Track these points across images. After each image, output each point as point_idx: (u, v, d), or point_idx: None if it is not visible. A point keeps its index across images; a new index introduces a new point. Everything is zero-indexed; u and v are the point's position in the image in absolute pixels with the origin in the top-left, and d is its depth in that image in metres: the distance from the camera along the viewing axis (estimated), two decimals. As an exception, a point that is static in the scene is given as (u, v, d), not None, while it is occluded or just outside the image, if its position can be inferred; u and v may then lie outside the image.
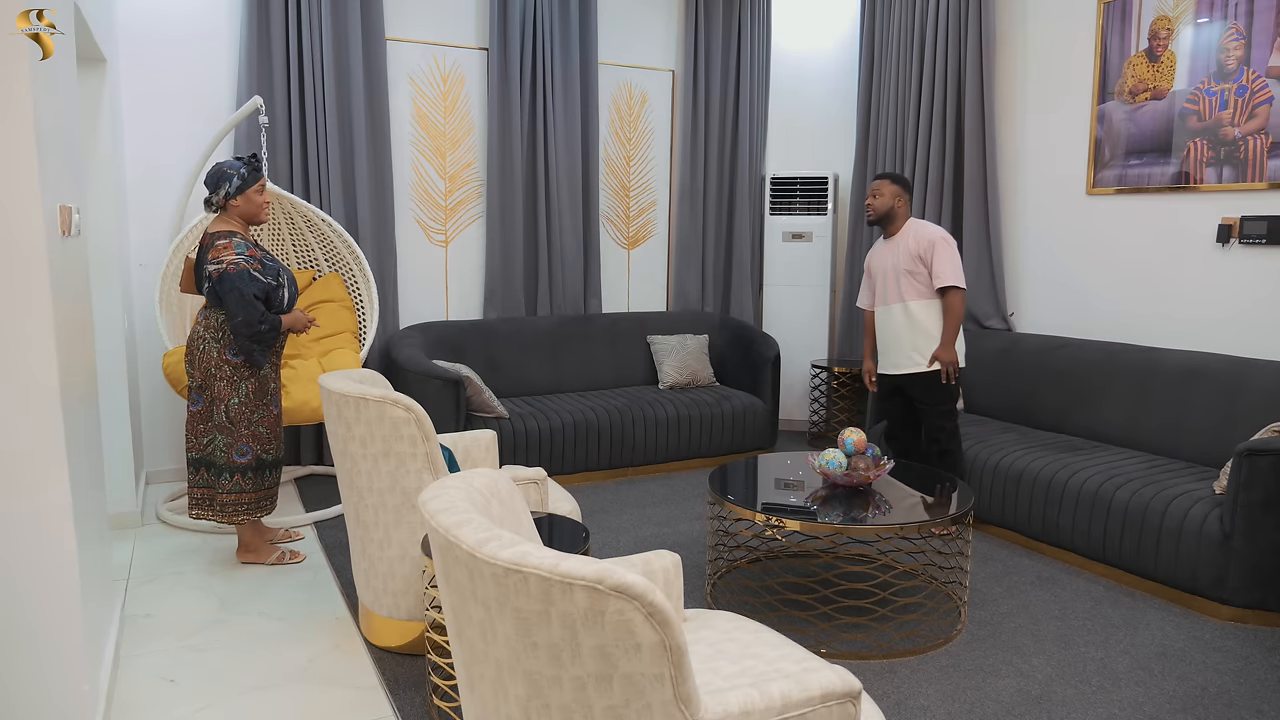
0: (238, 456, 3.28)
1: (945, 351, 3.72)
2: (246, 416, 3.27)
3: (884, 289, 3.86)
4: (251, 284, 3.14)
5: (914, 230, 3.79)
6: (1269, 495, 2.99)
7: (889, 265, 3.82)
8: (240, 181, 3.21)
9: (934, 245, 3.70)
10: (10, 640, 2.02)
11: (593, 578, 1.22)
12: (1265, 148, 3.69)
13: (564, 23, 5.12)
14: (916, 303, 3.74)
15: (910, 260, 3.74)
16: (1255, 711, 2.53)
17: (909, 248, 3.76)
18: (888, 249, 3.86)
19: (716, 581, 3.33)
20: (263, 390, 3.32)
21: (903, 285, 3.77)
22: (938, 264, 3.70)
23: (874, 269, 3.95)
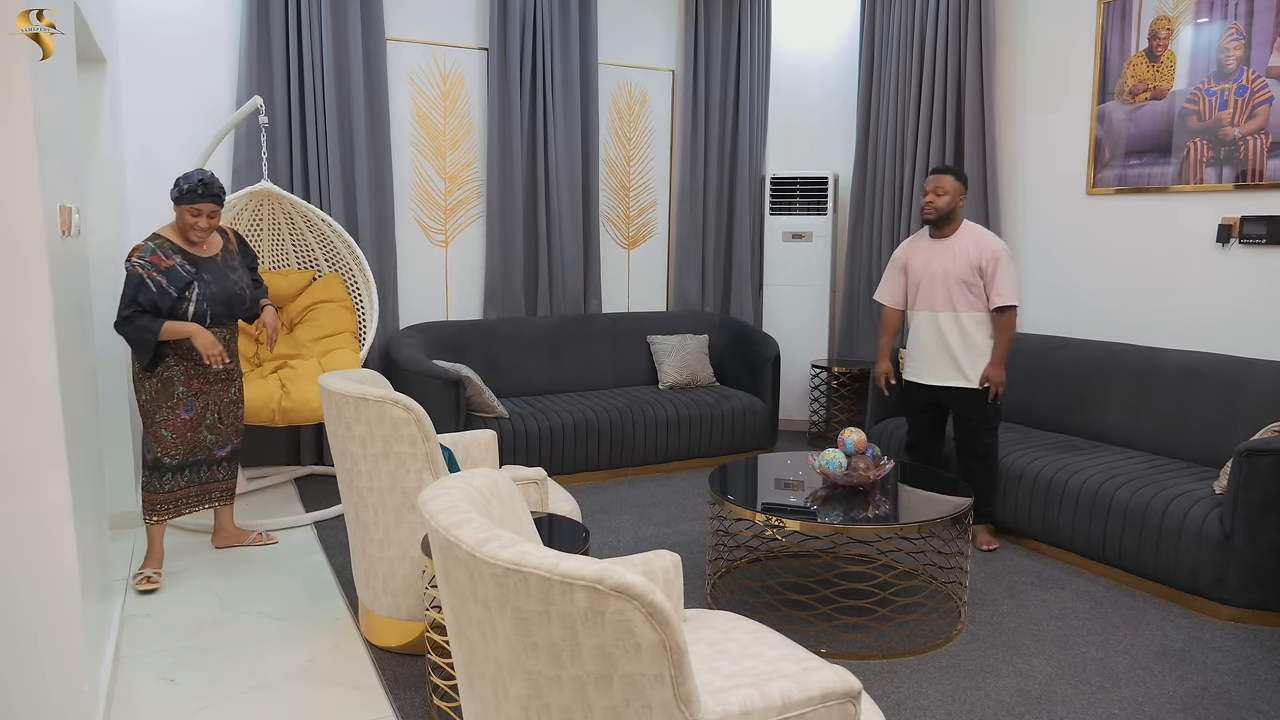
0: (145, 453, 3.32)
1: (997, 372, 3.58)
2: (150, 415, 3.27)
3: (929, 294, 3.66)
4: (137, 288, 3.11)
5: (973, 237, 3.59)
6: (1269, 495, 2.99)
7: (939, 270, 3.62)
8: (177, 194, 3.20)
9: (998, 259, 3.53)
10: (10, 640, 2.02)
11: (593, 578, 1.22)
12: (1265, 148, 3.69)
13: (564, 23, 5.12)
14: (969, 315, 3.58)
15: (969, 270, 3.56)
16: (1255, 711, 2.53)
17: (969, 256, 3.56)
18: (938, 251, 3.63)
19: (716, 581, 3.33)
20: (167, 392, 3.26)
21: (956, 295, 3.59)
22: (1000, 280, 3.53)
23: (915, 269, 3.72)
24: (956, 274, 3.58)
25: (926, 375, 3.71)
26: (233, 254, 3.46)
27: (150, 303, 3.14)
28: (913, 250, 3.75)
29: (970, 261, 3.56)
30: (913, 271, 3.73)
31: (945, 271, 3.60)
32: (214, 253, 3.37)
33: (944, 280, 3.61)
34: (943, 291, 3.62)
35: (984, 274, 3.55)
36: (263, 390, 3.88)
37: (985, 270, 3.55)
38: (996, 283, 3.55)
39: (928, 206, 3.62)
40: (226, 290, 3.34)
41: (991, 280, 3.55)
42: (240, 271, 3.46)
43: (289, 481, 4.61)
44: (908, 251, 3.78)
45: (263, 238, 4.52)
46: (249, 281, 3.51)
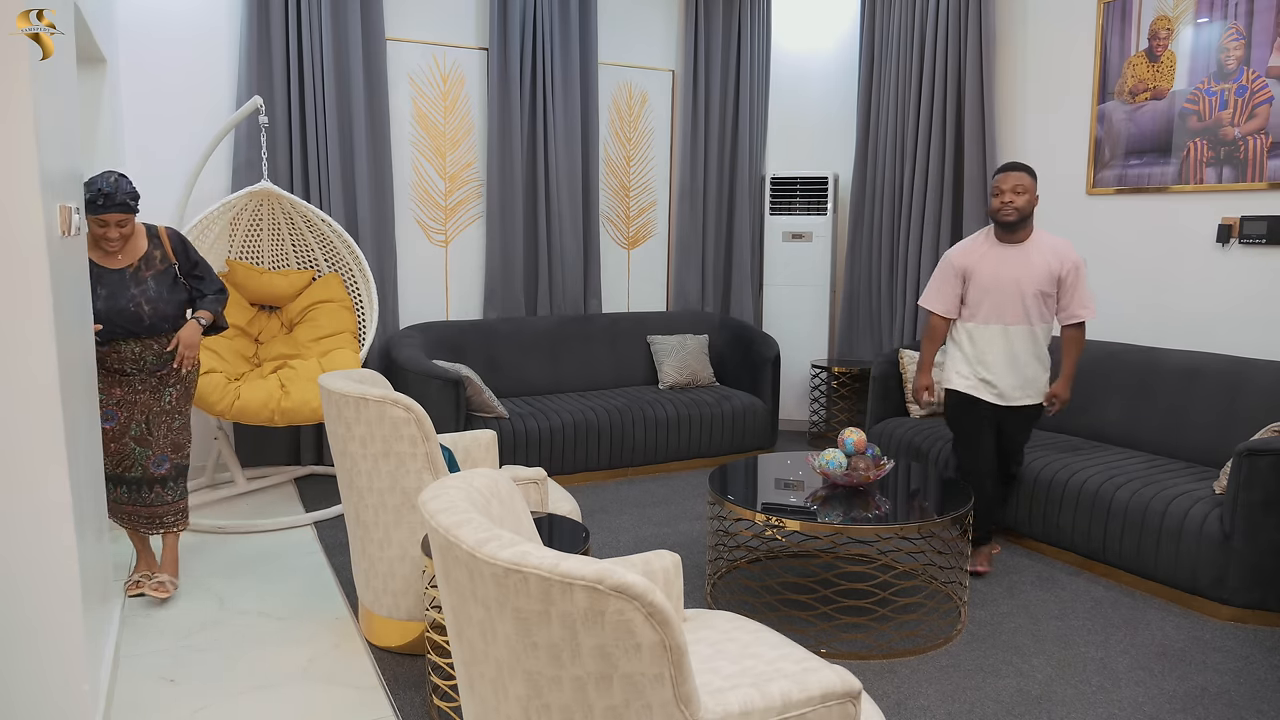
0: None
1: (1068, 389, 3.38)
2: None
3: (999, 306, 3.32)
4: None
5: (1048, 244, 3.32)
6: (1269, 495, 2.99)
7: (1013, 279, 3.29)
8: (86, 202, 2.85)
9: (1078, 269, 3.29)
10: (10, 640, 2.02)
11: (593, 578, 1.22)
12: (1265, 148, 3.69)
13: (564, 23, 5.12)
14: (1042, 328, 3.34)
15: (1048, 280, 3.28)
16: (1255, 711, 2.53)
17: (1047, 265, 3.28)
18: (1010, 259, 3.31)
19: (716, 581, 3.33)
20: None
21: (1031, 308, 3.29)
22: (1082, 292, 3.31)
23: (982, 277, 3.34)
24: (1035, 284, 3.27)
25: (1000, 394, 3.38)
26: (154, 262, 3.10)
27: None
28: (976, 256, 3.37)
29: (1050, 272, 3.28)
30: (978, 280, 3.35)
31: (1022, 281, 3.28)
32: (128, 263, 3.05)
33: (1020, 291, 3.28)
34: (1018, 303, 3.29)
35: (1063, 284, 3.31)
36: (262, 390, 3.88)
37: (1065, 281, 3.30)
38: (1079, 295, 3.32)
39: (1006, 208, 3.26)
40: (118, 308, 2.98)
41: (1072, 292, 3.31)
42: (151, 286, 3.07)
43: (289, 481, 4.61)
44: (969, 257, 3.39)
45: (263, 238, 4.52)
46: (173, 294, 3.13)
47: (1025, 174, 3.27)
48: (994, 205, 3.31)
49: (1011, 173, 3.28)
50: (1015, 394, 3.37)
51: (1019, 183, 3.26)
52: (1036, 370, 3.38)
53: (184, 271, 3.21)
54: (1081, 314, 3.34)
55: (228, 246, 4.43)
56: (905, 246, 5.26)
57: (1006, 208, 3.27)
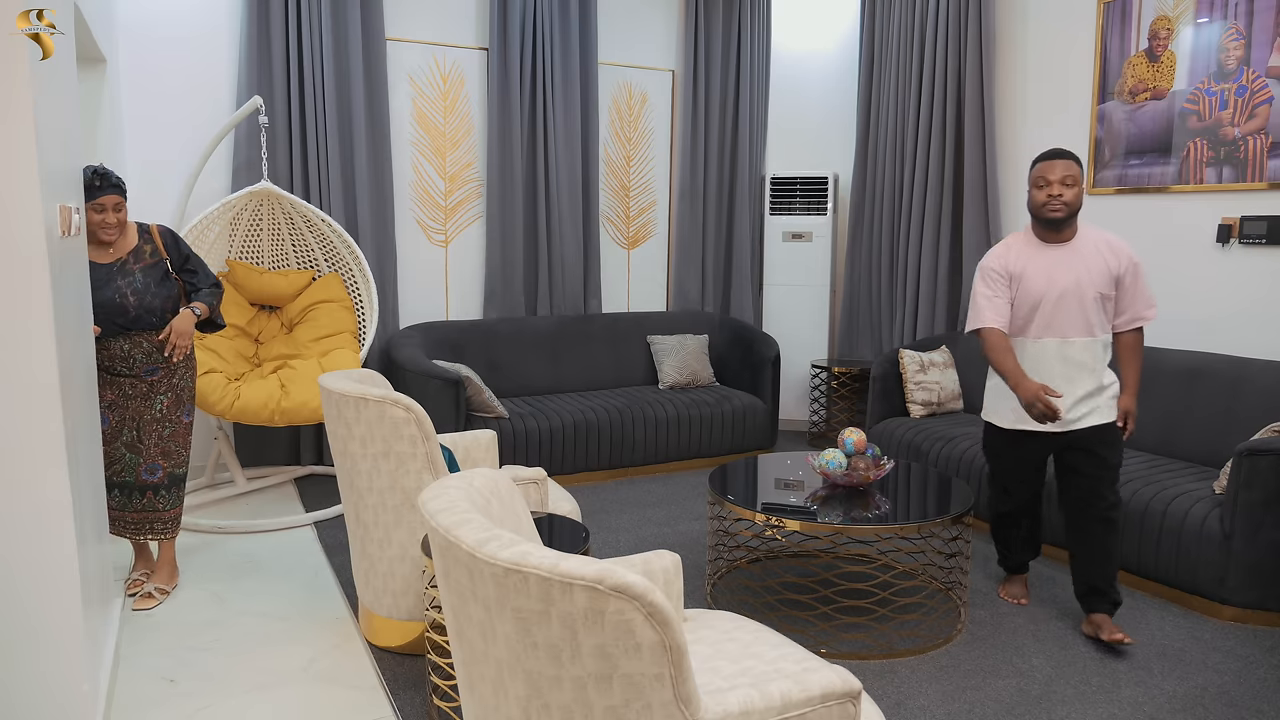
0: None
1: (1134, 401, 2.93)
2: None
3: (1057, 315, 2.86)
4: None
5: (1100, 240, 2.89)
6: (1269, 495, 2.99)
7: (1069, 283, 2.84)
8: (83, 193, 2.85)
9: (1137, 267, 2.88)
10: (10, 640, 2.02)
11: (593, 578, 1.22)
12: (1265, 148, 3.69)
13: (564, 23, 5.12)
14: (1103, 337, 2.90)
15: (1106, 282, 2.85)
16: (1255, 711, 2.53)
17: (1104, 263, 2.85)
18: (1063, 261, 2.86)
19: (716, 581, 3.33)
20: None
21: (1092, 315, 2.85)
22: (1144, 290, 2.89)
23: (1033, 284, 2.88)
24: (1094, 288, 2.84)
25: (1061, 420, 2.86)
26: (144, 256, 3.09)
27: None
28: (1022, 261, 2.91)
29: (1108, 271, 2.85)
30: (1029, 288, 2.88)
31: (1080, 284, 2.84)
32: (117, 256, 3.04)
33: (1079, 296, 2.83)
34: (1076, 311, 2.85)
35: (1121, 285, 2.88)
36: (262, 390, 3.88)
37: (1124, 280, 2.87)
38: (1142, 293, 2.89)
39: (1054, 202, 2.80)
40: (101, 299, 2.95)
41: (1132, 292, 2.89)
42: (138, 278, 3.05)
43: (289, 481, 4.61)
44: (1015, 262, 2.92)
45: (263, 238, 4.52)
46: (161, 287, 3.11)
47: (1074, 162, 2.81)
48: (1038, 199, 2.82)
49: (1058, 160, 2.81)
50: (1080, 410, 2.88)
51: (1069, 173, 2.79)
52: (1101, 384, 2.91)
53: (176, 266, 3.19)
54: (1146, 315, 2.91)
55: (228, 246, 4.43)
56: (905, 246, 5.26)
57: (1054, 202, 2.79)
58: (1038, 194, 2.84)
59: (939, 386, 4.58)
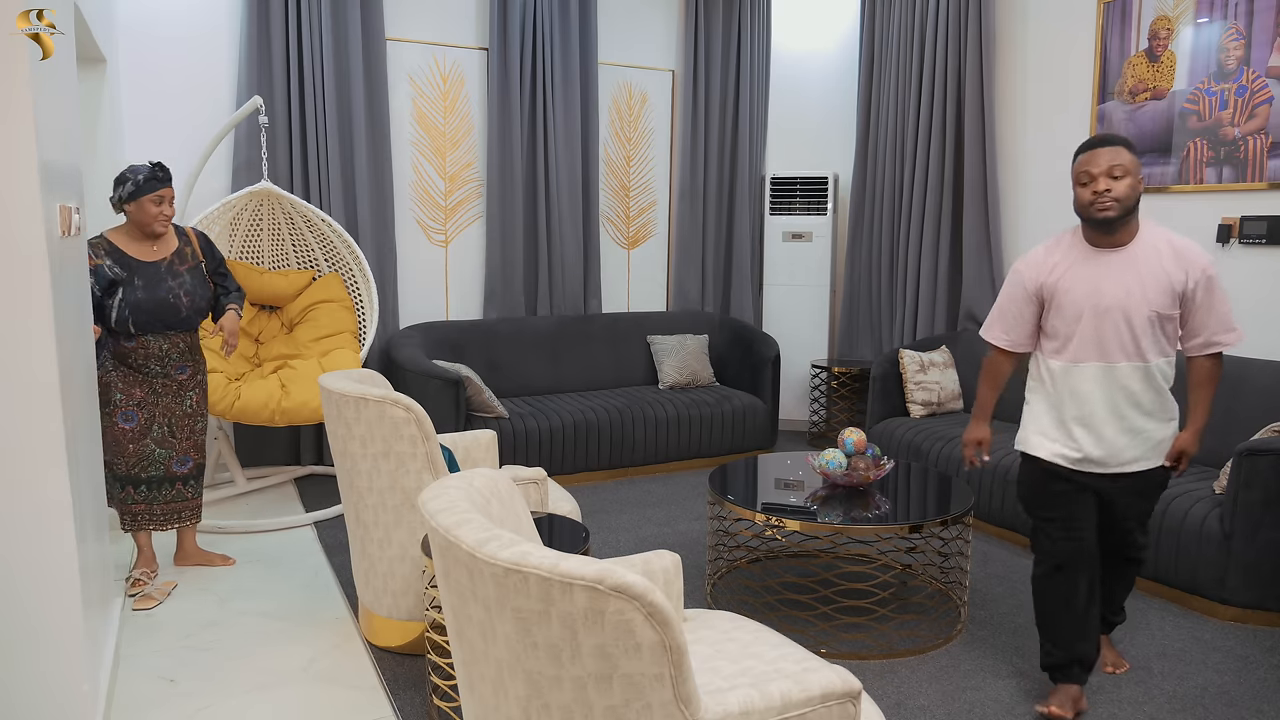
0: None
1: (1199, 442, 2.46)
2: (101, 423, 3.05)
3: (1101, 336, 2.37)
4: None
5: (1164, 244, 2.35)
6: (1269, 495, 2.99)
7: (1117, 297, 2.34)
8: (134, 188, 3.04)
9: (1210, 279, 2.33)
10: (10, 640, 2.02)
11: (593, 578, 1.22)
12: (1265, 148, 3.69)
13: (564, 23, 5.12)
14: (1161, 363, 2.39)
15: (1168, 296, 2.32)
16: (1255, 711, 2.53)
17: (1167, 275, 2.32)
18: (1112, 270, 2.36)
19: (716, 581, 3.33)
20: (105, 398, 3.10)
21: (1145, 337, 2.34)
22: (1220, 308, 2.35)
23: (1072, 298, 2.40)
24: (1148, 305, 2.32)
25: (1101, 460, 2.43)
26: (186, 258, 3.22)
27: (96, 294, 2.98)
28: (1061, 269, 2.43)
29: (1169, 284, 2.32)
30: (1065, 303, 2.41)
31: (1129, 301, 2.33)
32: (163, 256, 3.16)
33: (1125, 314, 2.33)
34: (1125, 332, 2.35)
35: (1189, 302, 2.36)
36: (263, 390, 3.88)
37: (1193, 297, 2.34)
38: (1217, 313, 2.36)
39: (1102, 199, 2.29)
40: (156, 299, 3.08)
41: (1205, 310, 2.35)
42: (187, 279, 3.18)
43: (289, 481, 4.61)
44: (1049, 271, 2.45)
45: (263, 238, 4.52)
46: (204, 289, 3.25)
47: (1123, 148, 2.31)
48: (1083, 198, 2.34)
49: (1103, 149, 2.31)
50: (1126, 456, 2.42)
51: (1116, 162, 2.28)
52: (1157, 423, 2.43)
53: (210, 270, 3.33)
54: (1223, 340, 2.38)
55: (228, 246, 4.43)
56: (905, 246, 5.26)
57: (1103, 199, 2.29)
58: (1082, 192, 2.34)
59: (939, 386, 4.58)
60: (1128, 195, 2.29)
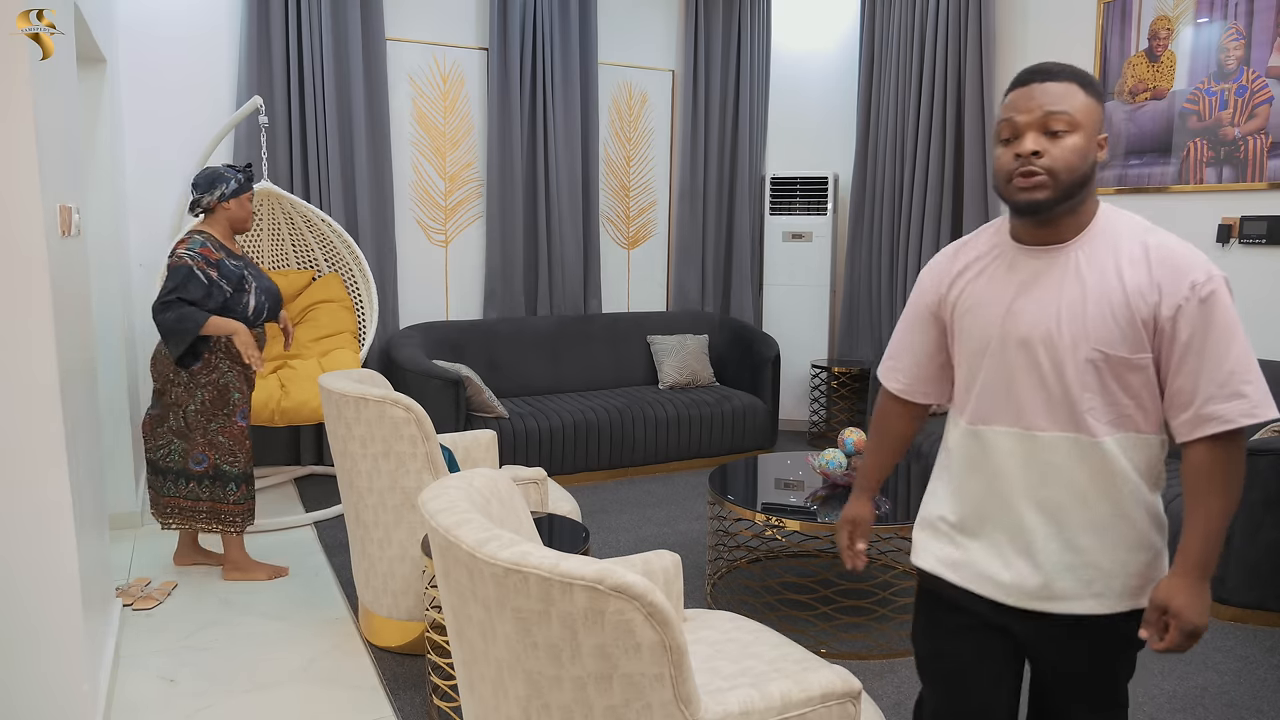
0: (193, 464, 3.19)
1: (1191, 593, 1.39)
2: (203, 425, 3.17)
3: (1013, 381, 1.48)
4: (187, 279, 3.02)
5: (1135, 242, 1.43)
6: (1269, 495, 2.99)
7: (1041, 325, 1.44)
8: (237, 185, 3.21)
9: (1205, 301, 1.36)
10: (10, 640, 2.02)
11: (593, 578, 1.22)
12: (1265, 148, 3.69)
13: (564, 23, 5.12)
14: (1118, 440, 1.43)
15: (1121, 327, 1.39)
16: (1255, 711, 2.53)
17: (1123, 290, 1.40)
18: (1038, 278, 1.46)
19: (716, 581, 3.33)
20: (222, 400, 3.18)
21: (1083, 391, 1.42)
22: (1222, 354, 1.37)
23: (982, 323, 1.52)
24: (1090, 338, 1.41)
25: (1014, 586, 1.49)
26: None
27: (197, 296, 3.03)
28: (970, 275, 1.56)
29: (1128, 307, 1.39)
30: (967, 327, 1.55)
31: (1056, 331, 1.43)
32: (243, 253, 3.36)
33: (1051, 353, 1.43)
34: (1050, 381, 1.44)
35: (1168, 340, 1.39)
36: (262, 390, 3.87)
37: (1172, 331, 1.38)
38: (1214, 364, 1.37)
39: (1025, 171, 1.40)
40: (268, 287, 3.29)
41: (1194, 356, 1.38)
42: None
43: (289, 481, 4.61)
44: (954, 279, 1.58)
45: (263, 238, 4.52)
46: None
47: (1075, 86, 1.40)
48: (1002, 164, 1.44)
49: (1041, 85, 1.41)
50: (1059, 586, 1.46)
51: (1058, 108, 1.38)
52: (1112, 544, 1.45)
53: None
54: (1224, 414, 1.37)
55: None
56: (905, 246, 5.26)
57: (1027, 168, 1.39)
58: (1002, 155, 1.44)
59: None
60: (1072, 164, 1.37)
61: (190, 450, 3.19)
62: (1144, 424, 1.45)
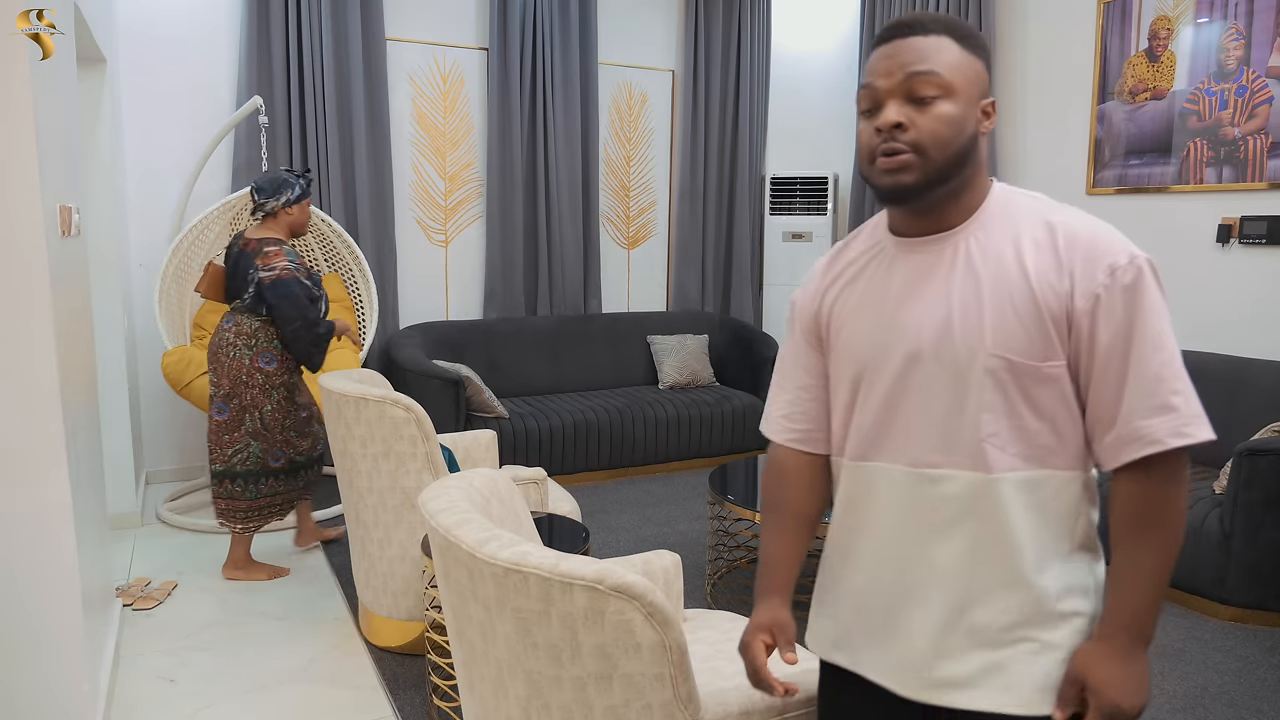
0: (272, 461, 3.26)
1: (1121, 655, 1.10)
2: (280, 422, 3.25)
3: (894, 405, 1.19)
4: (303, 289, 3.14)
5: (1039, 222, 1.13)
6: (1269, 495, 2.99)
7: (929, 331, 1.15)
8: (300, 191, 3.29)
9: (1129, 288, 1.07)
10: (11, 640, 2.02)
11: (593, 578, 1.22)
12: (1265, 148, 3.69)
13: (564, 23, 5.12)
14: (1025, 477, 1.13)
15: (1029, 326, 1.10)
16: (1255, 711, 2.53)
17: (1027, 280, 1.10)
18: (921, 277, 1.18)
19: (716, 581, 3.33)
20: (291, 397, 3.30)
21: (985, 412, 1.12)
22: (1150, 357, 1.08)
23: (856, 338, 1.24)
24: (990, 341, 1.11)
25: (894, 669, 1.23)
26: None
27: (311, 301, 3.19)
28: (845, 281, 1.28)
29: (1034, 299, 1.10)
30: (842, 342, 1.27)
31: (948, 336, 1.14)
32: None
33: (943, 365, 1.15)
34: (943, 399, 1.15)
35: (1080, 340, 1.10)
36: (263, 390, 3.88)
37: (1088, 329, 1.09)
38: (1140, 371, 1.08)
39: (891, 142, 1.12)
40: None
41: (1115, 360, 1.09)
42: None
43: (289, 481, 4.61)
44: (824, 289, 1.31)
45: (263, 238, 4.52)
46: None
47: (947, 40, 1.16)
48: (864, 141, 1.17)
49: (904, 41, 1.15)
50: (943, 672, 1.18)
51: (924, 68, 1.13)
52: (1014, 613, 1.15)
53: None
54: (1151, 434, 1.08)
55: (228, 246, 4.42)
56: (905, 246, 5.26)
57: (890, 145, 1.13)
58: (863, 130, 1.18)
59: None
60: (942, 137, 1.12)
61: (270, 449, 3.25)
62: (1060, 457, 1.13)
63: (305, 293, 3.14)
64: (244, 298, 3.20)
